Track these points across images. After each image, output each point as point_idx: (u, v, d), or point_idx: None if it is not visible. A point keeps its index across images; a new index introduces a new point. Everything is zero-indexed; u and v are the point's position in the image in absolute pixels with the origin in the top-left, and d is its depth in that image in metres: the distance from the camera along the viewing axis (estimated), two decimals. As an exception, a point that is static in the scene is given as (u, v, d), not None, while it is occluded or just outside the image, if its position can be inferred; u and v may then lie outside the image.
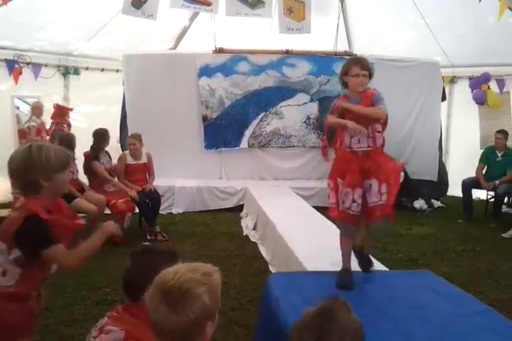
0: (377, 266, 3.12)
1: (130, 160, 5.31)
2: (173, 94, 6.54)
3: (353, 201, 2.60)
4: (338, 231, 4.15)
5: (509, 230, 5.45)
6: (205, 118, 6.67)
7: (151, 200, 5.27)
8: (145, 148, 5.37)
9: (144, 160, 5.38)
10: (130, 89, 6.57)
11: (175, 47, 7.76)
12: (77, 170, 4.99)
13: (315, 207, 5.39)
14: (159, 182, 5.64)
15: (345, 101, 2.65)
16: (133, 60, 6.57)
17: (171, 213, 6.21)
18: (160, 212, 5.49)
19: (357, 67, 2.60)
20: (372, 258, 3.01)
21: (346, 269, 2.69)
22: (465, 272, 4.26)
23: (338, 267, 2.91)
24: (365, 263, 2.81)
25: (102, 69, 7.17)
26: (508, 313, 3.01)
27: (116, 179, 5.23)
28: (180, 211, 6.28)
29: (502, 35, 5.93)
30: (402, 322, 2.20)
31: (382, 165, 2.61)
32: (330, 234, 4.13)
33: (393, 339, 2.03)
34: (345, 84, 2.70)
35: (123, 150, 5.81)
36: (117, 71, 7.03)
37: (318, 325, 1.13)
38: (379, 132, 2.63)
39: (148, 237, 5.03)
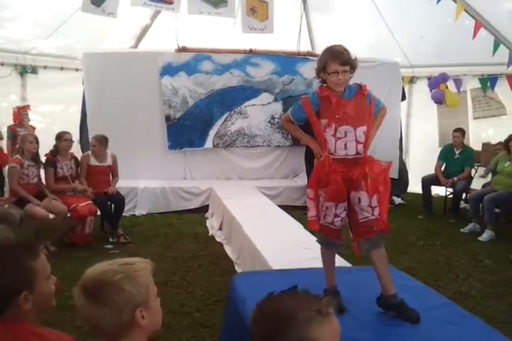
0: (341, 262, 3.16)
1: (93, 162, 5.18)
2: (135, 93, 6.43)
3: (336, 216, 2.29)
4: (303, 229, 4.26)
5: (467, 225, 5.64)
6: (168, 118, 6.59)
7: (114, 203, 5.16)
8: (109, 150, 5.26)
9: (108, 162, 5.26)
10: (90, 88, 6.42)
11: (136, 45, 7.64)
12: (37, 174, 4.79)
13: (280, 206, 5.42)
14: (121, 183, 5.53)
15: (327, 94, 2.26)
16: (93, 59, 6.41)
17: (134, 215, 6.10)
18: (123, 213, 5.37)
19: (335, 63, 2.18)
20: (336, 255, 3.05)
21: (332, 289, 2.37)
22: (425, 266, 4.37)
23: (304, 264, 2.94)
24: (410, 313, 2.17)
25: (61, 68, 6.97)
26: (467, 306, 3.13)
27: (77, 182, 5.07)
28: (144, 212, 6.18)
29: (459, 36, 6.11)
30: (363, 316, 2.24)
31: (369, 173, 2.24)
32: (295, 232, 4.20)
33: (354, 333, 2.06)
34: (323, 81, 2.31)
35: (83, 152, 5.67)
36: (77, 70, 6.85)
37: (258, 310, 1.10)
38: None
39: (111, 240, 4.93)
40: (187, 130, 6.64)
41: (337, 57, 2.19)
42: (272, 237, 3.89)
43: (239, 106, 6.80)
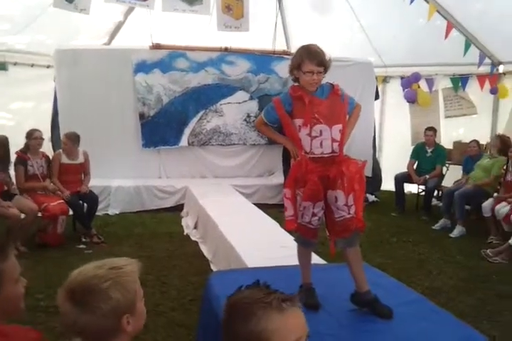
0: (316, 259, 3.18)
1: (64, 160, 5.08)
2: (108, 90, 6.32)
3: (314, 215, 2.29)
4: (279, 227, 4.28)
5: (438, 222, 5.75)
6: (142, 116, 6.50)
7: (86, 202, 5.08)
8: (81, 148, 5.17)
9: (80, 160, 5.17)
10: (62, 85, 6.28)
11: (109, 42, 7.51)
12: (4, 172, 4.66)
13: (256, 205, 5.42)
14: (94, 182, 5.44)
15: (300, 93, 2.25)
16: (65, 56, 6.27)
17: (108, 214, 6.00)
18: (96, 213, 5.29)
19: (311, 63, 2.17)
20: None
21: (308, 287, 2.40)
22: (398, 262, 4.44)
23: (280, 262, 2.95)
24: (383, 310, 2.21)
25: (32, 65, 6.78)
26: (439, 301, 3.19)
27: (48, 181, 4.97)
28: (117, 212, 6.08)
29: (431, 36, 6.23)
30: (338, 313, 2.26)
31: (345, 172, 2.24)
32: (271, 230, 4.21)
33: (330, 330, 2.08)
34: (296, 79, 2.29)
35: (54, 150, 5.56)
36: (48, 67, 6.70)
37: (225, 303, 1.13)
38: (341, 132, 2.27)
39: (83, 240, 4.84)
40: (161, 128, 6.57)
41: (314, 58, 2.19)
42: (248, 235, 3.89)
43: (214, 104, 6.77)
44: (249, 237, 3.84)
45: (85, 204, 5.09)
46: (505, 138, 5.71)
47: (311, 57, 2.19)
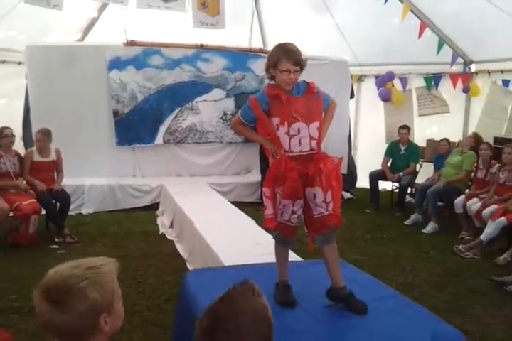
0: (293, 256, 3.20)
1: (36, 157, 4.97)
2: (82, 87, 6.20)
3: (293, 213, 2.29)
4: (255, 225, 4.28)
5: (410, 217, 5.85)
6: (116, 113, 6.40)
7: (59, 201, 4.98)
8: (53, 146, 5.07)
9: (52, 157, 5.07)
10: (34, 82, 6.13)
11: (82, 38, 7.37)
12: None
13: (233, 203, 5.41)
14: (67, 181, 5.34)
15: (277, 92, 2.24)
16: (37, 52, 6.13)
17: (81, 213, 5.90)
18: (69, 212, 5.19)
19: (288, 62, 2.16)
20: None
21: (284, 284, 2.39)
22: (373, 259, 4.50)
23: (256, 260, 2.95)
24: (357, 304, 2.23)
25: (3, 62, 6.61)
26: (413, 296, 3.24)
27: (20, 180, 4.85)
28: (91, 211, 5.98)
29: (405, 36, 6.32)
30: (315, 309, 2.27)
31: (323, 169, 2.25)
32: (248, 228, 4.21)
33: (307, 326, 2.09)
34: (272, 77, 2.29)
35: (26, 149, 5.43)
36: (19, 63, 6.53)
37: (216, 309, 1.10)
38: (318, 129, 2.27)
39: (56, 240, 4.74)
40: (136, 126, 6.49)
41: (290, 57, 2.18)
42: (224, 234, 3.88)
43: (190, 101, 6.72)
44: (226, 235, 3.83)
45: (57, 204, 4.99)
46: (480, 137, 5.84)
47: (287, 56, 2.18)
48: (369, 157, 7.50)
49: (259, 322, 1.11)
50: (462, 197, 5.35)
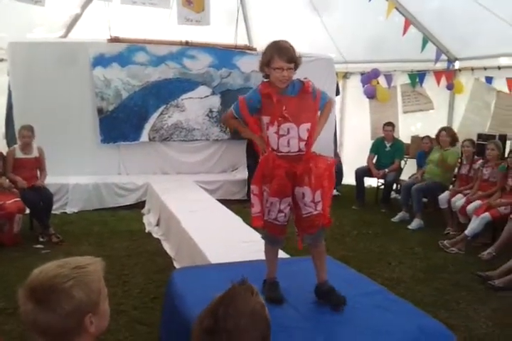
0: (281, 253, 3.20)
1: (19, 154, 4.89)
2: (65, 84, 6.11)
3: (280, 211, 2.26)
4: (242, 222, 4.27)
5: (397, 215, 5.91)
6: (100, 111, 6.33)
7: (42, 199, 4.91)
8: (35, 143, 5.00)
9: (35, 154, 5.00)
10: (16, 79, 6.03)
11: (66, 35, 7.28)
12: None
13: (219, 200, 5.39)
14: (51, 179, 5.28)
15: (269, 91, 2.20)
16: (19, 49, 6.03)
17: (65, 213, 5.83)
18: (53, 211, 5.13)
19: (281, 59, 2.13)
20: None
21: (272, 281, 2.40)
22: (359, 255, 4.53)
23: (243, 258, 2.94)
24: (336, 300, 2.24)
25: (-14, 58, 6.51)
26: (399, 291, 3.27)
27: (3, 178, 4.77)
28: (76, 210, 5.92)
29: (389, 33, 6.35)
30: (302, 306, 2.28)
31: (313, 168, 2.22)
32: (235, 226, 4.20)
33: (294, 322, 2.10)
34: (266, 76, 2.25)
35: (9, 147, 5.35)
36: (2, 60, 6.43)
37: (215, 309, 1.12)
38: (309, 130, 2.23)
39: (41, 239, 4.68)
40: (121, 123, 6.42)
41: (283, 54, 2.14)
42: (211, 232, 3.87)
43: (175, 99, 6.67)
44: (213, 233, 3.81)
45: (41, 202, 4.92)
46: (453, 132, 5.89)
47: (280, 54, 2.14)
48: (355, 154, 7.54)
49: (258, 321, 1.13)
50: (446, 193, 5.41)
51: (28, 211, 4.82)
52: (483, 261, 4.31)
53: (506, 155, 5.10)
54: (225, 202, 5.44)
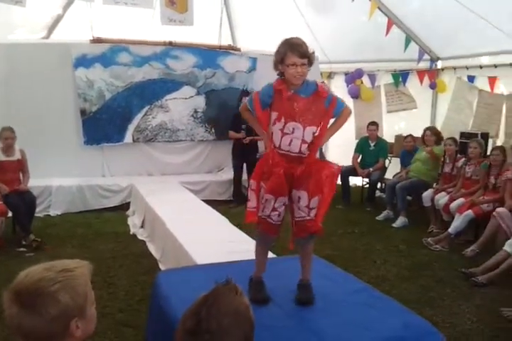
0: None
1: (1, 157, 4.81)
2: (47, 86, 6.02)
3: (274, 209, 2.25)
4: (228, 223, 4.27)
5: (381, 213, 5.95)
6: (83, 112, 6.26)
7: (25, 203, 4.83)
8: (17, 145, 4.92)
9: (17, 156, 4.91)
10: (-2, 81, 5.95)
11: (48, 36, 7.18)
12: None
13: (205, 201, 5.38)
14: (34, 182, 5.19)
15: (281, 88, 2.19)
16: (1, 50, 5.92)
17: (49, 215, 5.76)
18: (36, 214, 5.06)
19: (294, 55, 2.11)
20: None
21: (258, 280, 2.38)
22: (345, 253, 4.56)
23: (229, 258, 2.93)
24: (304, 296, 2.29)
25: (-33, 59, 6.38)
26: (384, 289, 3.29)
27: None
28: (59, 212, 5.84)
29: (373, 33, 6.40)
30: (288, 304, 2.28)
31: (314, 174, 2.21)
32: (220, 226, 4.19)
33: (278, 321, 2.10)
34: (281, 74, 2.22)
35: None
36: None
37: (198, 310, 1.11)
38: (315, 135, 2.21)
39: (24, 243, 4.60)
40: (104, 124, 6.36)
41: (296, 50, 2.13)
42: (197, 232, 3.85)
43: (160, 99, 6.64)
44: (198, 234, 3.80)
45: (23, 206, 4.84)
46: (437, 130, 5.97)
47: (293, 50, 2.14)
48: (339, 153, 7.56)
49: (242, 322, 1.12)
50: (430, 190, 5.47)
51: (10, 214, 4.75)
52: (467, 258, 4.37)
53: (488, 153, 5.18)
54: (210, 202, 5.42)
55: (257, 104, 2.25)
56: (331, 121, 2.32)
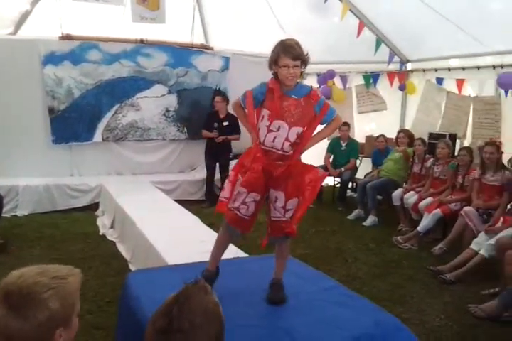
0: (239, 253, 3.19)
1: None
2: (14, 83, 5.85)
3: (244, 203, 2.25)
4: (200, 223, 4.23)
5: (352, 212, 6.02)
6: (51, 111, 6.11)
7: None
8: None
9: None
10: (-38, 78, 5.75)
11: (15, 32, 6.97)
12: None
13: (177, 201, 5.32)
14: (0, 181, 5.05)
15: (274, 87, 2.23)
16: (-35, 46, 5.75)
17: (16, 215, 5.60)
18: (3, 214, 4.88)
19: (287, 57, 2.17)
20: (234, 246, 3.07)
21: (209, 269, 2.40)
22: (317, 252, 4.59)
23: (200, 258, 2.90)
24: (276, 295, 2.30)
25: None
26: (355, 287, 3.33)
27: None
28: (26, 213, 5.69)
29: (344, 35, 6.46)
30: (258, 304, 2.27)
31: (295, 176, 2.23)
32: (192, 226, 4.15)
33: (249, 321, 2.09)
34: (275, 74, 2.26)
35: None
36: None
37: (170, 309, 1.11)
38: (299, 137, 2.23)
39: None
40: (73, 123, 6.22)
41: (288, 52, 2.18)
42: (168, 233, 3.80)
43: (130, 97, 6.53)
44: (169, 234, 3.75)
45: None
46: (410, 133, 6.09)
47: (286, 52, 2.18)
48: (312, 153, 7.59)
49: (213, 320, 1.14)
50: (400, 190, 5.56)
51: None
52: (435, 255, 4.45)
53: (456, 154, 5.30)
54: (182, 202, 5.37)
55: (249, 101, 2.28)
56: (319, 127, 2.35)
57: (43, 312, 1.08)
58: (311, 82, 8.06)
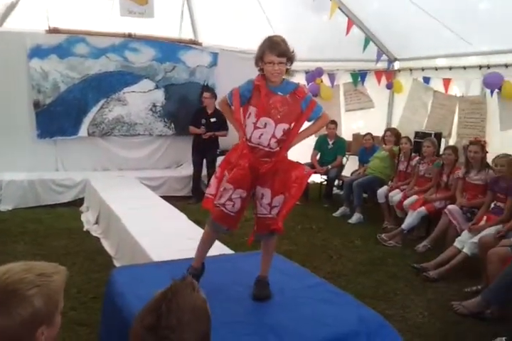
0: (225, 250, 3.19)
1: None
2: (-1, 76, 5.78)
3: (230, 200, 2.25)
4: (186, 219, 4.22)
5: (338, 210, 6.06)
6: (37, 104, 6.03)
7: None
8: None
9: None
10: None
11: (0, 24, 6.87)
12: None
13: (163, 197, 5.30)
14: (-17, 175, 4.98)
15: (260, 84, 2.24)
16: None
17: (-1, 210, 5.54)
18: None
19: (272, 53, 2.18)
20: (220, 243, 3.07)
21: (194, 266, 2.41)
22: (303, 249, 4.61)
23: (186, 255, 2.89)
24: (261, 292, 2.32)
25: None
26: (340, 284, 3.35)
27: None
28: (10, 208, 5.61)
29: (333, 33, 6.47)
30: (244, 300, 2.28)
31: (282, 173, 2.25)
32: (178, 223, 4.14)
33: (237, 317, 2.10)
34: (261, 70, 2.28)
35: None
36: None
37: (158, 305, 1.11)
38: (286, 134, 2.24)
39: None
40: (59, 117, 6.13)
41: (274, 48, 2.19)
42: (153, 229, 3.78)
43: (117, 92, 6.47)
44: (155, 230, 3.73)
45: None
46: (397, 131, 6.14)
47: (271, 48, 2.20)
48: (299, 150, 7.58)
49: (201, 317, 1.14)
50: (385, 188, 5.61)
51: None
52: (419, 253, 4.51)
53: (441, 152, 5.36)
54: (169, 198, 5.35)
55: (236, 99, 2.28)
56: (306, 124, 2.36)
57: (26, 309, 1.07)
58: (299, 79, 8.00)
